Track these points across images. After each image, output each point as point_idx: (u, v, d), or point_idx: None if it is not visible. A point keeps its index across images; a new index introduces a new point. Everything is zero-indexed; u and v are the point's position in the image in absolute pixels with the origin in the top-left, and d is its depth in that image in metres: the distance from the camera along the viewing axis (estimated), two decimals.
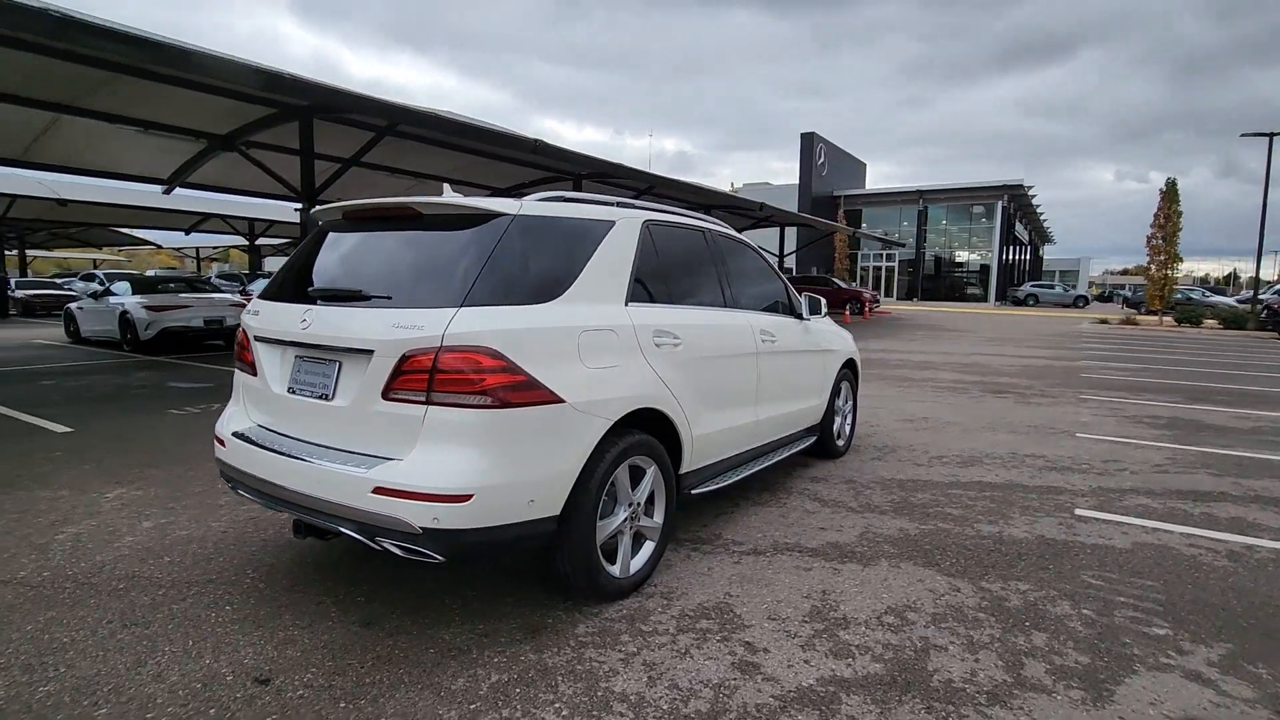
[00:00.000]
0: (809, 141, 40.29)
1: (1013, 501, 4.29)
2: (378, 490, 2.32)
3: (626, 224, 3.18)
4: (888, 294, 41.71)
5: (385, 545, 2.37)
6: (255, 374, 2.92)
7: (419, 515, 2.28)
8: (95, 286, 17.26)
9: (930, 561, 3.36)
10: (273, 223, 27.90)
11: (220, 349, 12.55)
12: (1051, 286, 41.31)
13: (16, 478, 4.51)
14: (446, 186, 3.17)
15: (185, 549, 3.39)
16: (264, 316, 2.91)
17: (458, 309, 2.39)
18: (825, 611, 2.84)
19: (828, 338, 4.92)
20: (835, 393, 5.06)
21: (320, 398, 2.62)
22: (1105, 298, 55.92)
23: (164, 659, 2.43)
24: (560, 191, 3.18)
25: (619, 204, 3.31)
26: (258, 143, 13.24)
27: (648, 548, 3.09)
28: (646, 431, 3.02)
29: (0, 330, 16.85)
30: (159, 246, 45.18)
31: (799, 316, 4.54)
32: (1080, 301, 38.62)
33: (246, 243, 31.71)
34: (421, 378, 2.34)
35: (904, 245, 40.17)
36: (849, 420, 5.50)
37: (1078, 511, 4.11)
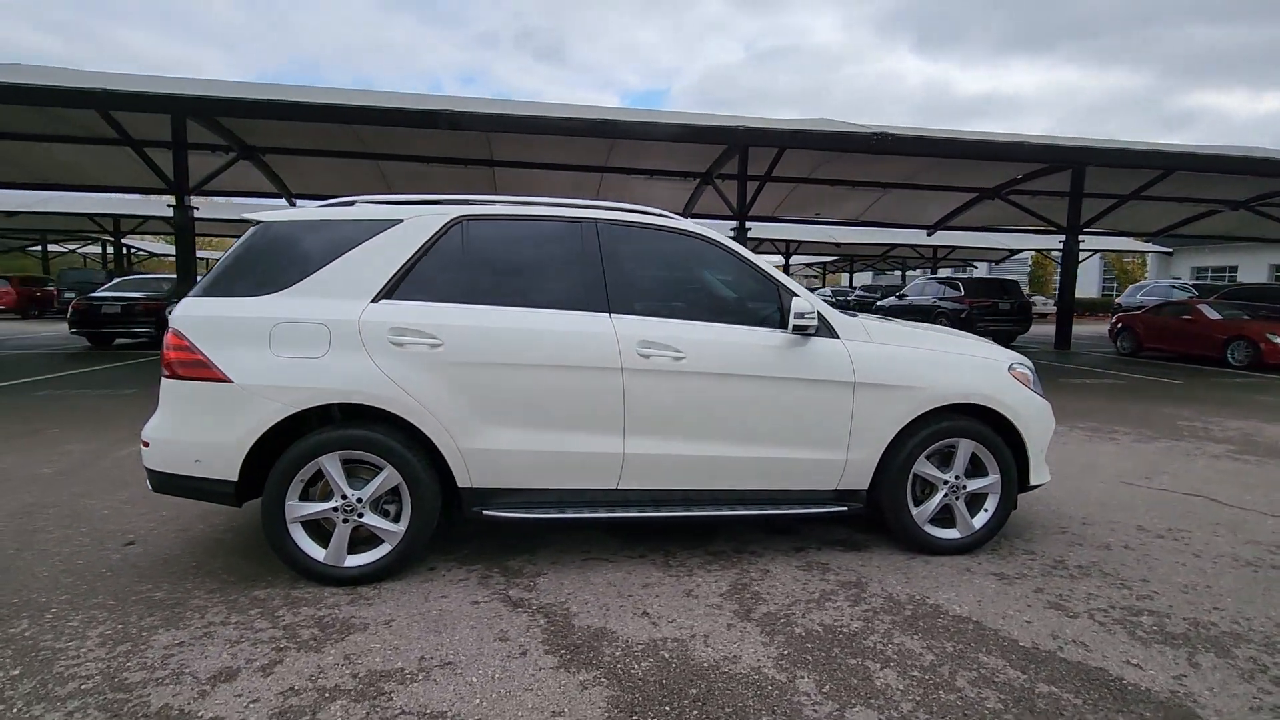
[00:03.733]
0: None
1: (1059, 709, 2.11)
2: None
3: (416, 223, 3.12)
4: None
5: None
6: None
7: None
8: None
9: (635, 707, 2.16)
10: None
11: None
12: None
13: None
14: (358, 200, 3.73)
15: None
16: None
17: (184, 299, 3.03)
18: (383, 680, 2.30)
19: (876, 366, 3.24)
20: (912, 451, 3.29)
21: None
22: None
23: (115, 516, 3.82)
24: (389, 196, 3.34)
25: (450, 201, 3.24)
26: (723, 174, 15.64)
27: (382, 549, 3.02)
28: (402, 431, 2.97)
29: None
30: None
31: (790, 331, 3.20)
32: None
33: None
34: None
35: None
36: (987, 504, 3.42)
37: None
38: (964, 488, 3.40)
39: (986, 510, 3.44)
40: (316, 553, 2.98)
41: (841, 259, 43.91)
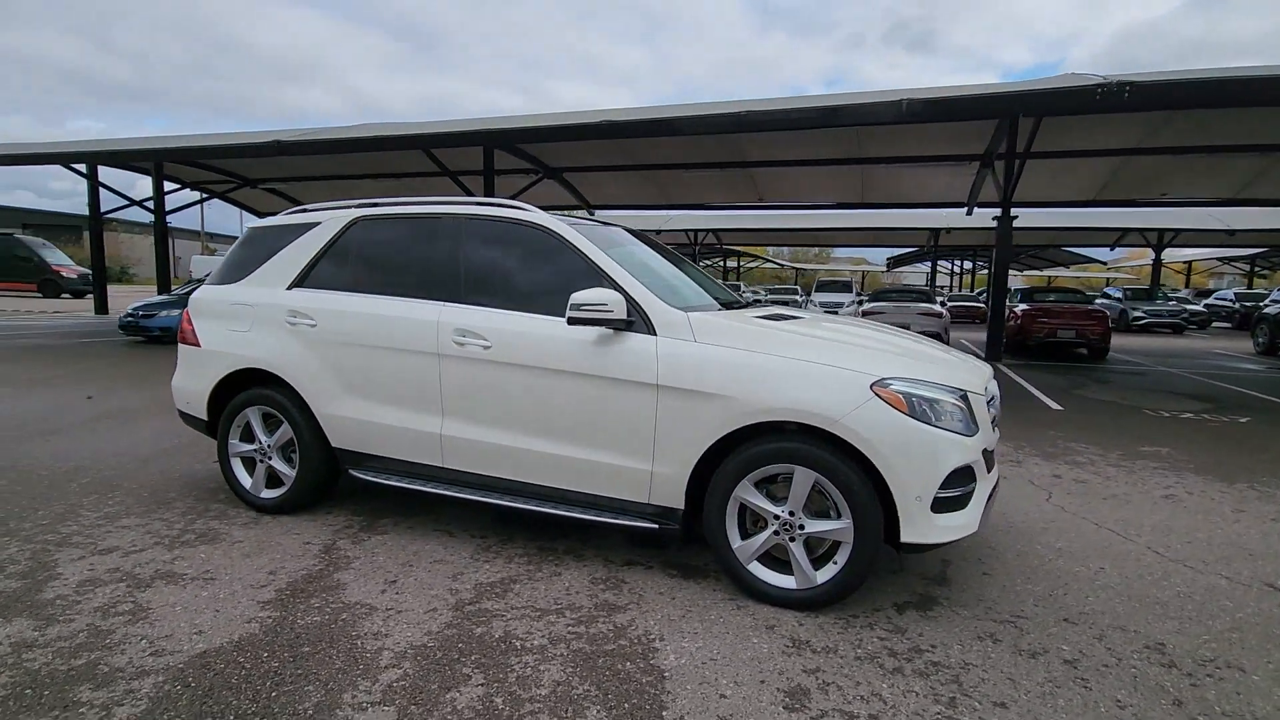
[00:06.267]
0: None
1: None
2: None
3: (329, 223, 3.72)
4: None
5: None
6: None
7: None
8: None
9: (249, 645, 2.41)
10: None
11: None
12: None
13: None
14: (308, 206, 4.50)
15: None
16: None
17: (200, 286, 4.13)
18: (161, 578, 2.92)
19: (684, 369, 2.77)
20: (731, 474, 2.74)
21: None
22: None
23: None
24: (335, 203, 3.99)
25: (359, 205, 3.77)
26: (1000, 154, 13.42)
27: (283, 488, 3.71)
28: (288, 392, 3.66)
29: None
30: (1104, 264, 44.70)
31: (567, 322, 2.94)
32: None
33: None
34: None
35: None
36: (838, 554, 2.64)
37: None
38: (800, 527, 2.70)
39: (835, 562, 2.67)
40: (246, 482, 3.82)
41: (1272, 250, 32.42)
